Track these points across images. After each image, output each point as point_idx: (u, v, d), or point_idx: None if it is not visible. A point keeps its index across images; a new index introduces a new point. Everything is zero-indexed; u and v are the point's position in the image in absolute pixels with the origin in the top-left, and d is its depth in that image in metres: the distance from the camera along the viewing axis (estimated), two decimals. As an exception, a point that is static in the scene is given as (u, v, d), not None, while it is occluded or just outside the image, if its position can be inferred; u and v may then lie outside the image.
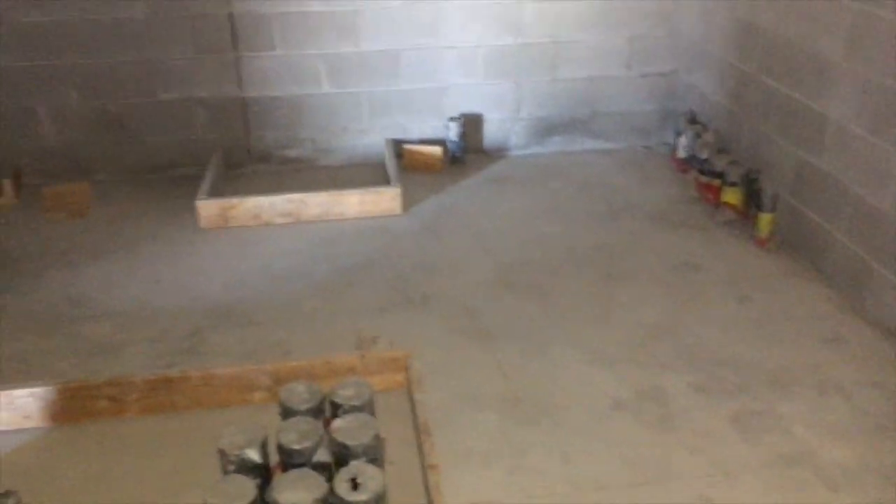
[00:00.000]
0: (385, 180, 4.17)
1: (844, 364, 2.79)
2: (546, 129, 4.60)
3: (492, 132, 4.56)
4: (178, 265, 3.48)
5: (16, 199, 3.99)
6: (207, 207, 3.74)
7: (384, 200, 3.89)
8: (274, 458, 2.09)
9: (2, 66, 3.94)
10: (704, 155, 4.00)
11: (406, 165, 4.37)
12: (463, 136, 4.41)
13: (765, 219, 3.55)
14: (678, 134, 4.37)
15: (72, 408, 2.46)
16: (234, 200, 3.77)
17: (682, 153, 4.29)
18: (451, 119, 4.38)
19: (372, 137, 4.45)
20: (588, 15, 4.34)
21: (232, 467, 2.00)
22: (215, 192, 3.90)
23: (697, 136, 4.17)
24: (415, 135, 4.48)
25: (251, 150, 4.35)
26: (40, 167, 4.15)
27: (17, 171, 4.09)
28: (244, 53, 4.11)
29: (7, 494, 1.92)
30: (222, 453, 2.02)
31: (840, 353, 2.85)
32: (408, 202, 3.97)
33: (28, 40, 3.92)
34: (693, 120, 4.33)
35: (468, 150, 4.49)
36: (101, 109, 4.12)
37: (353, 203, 3.87)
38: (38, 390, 2.42)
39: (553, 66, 4.44)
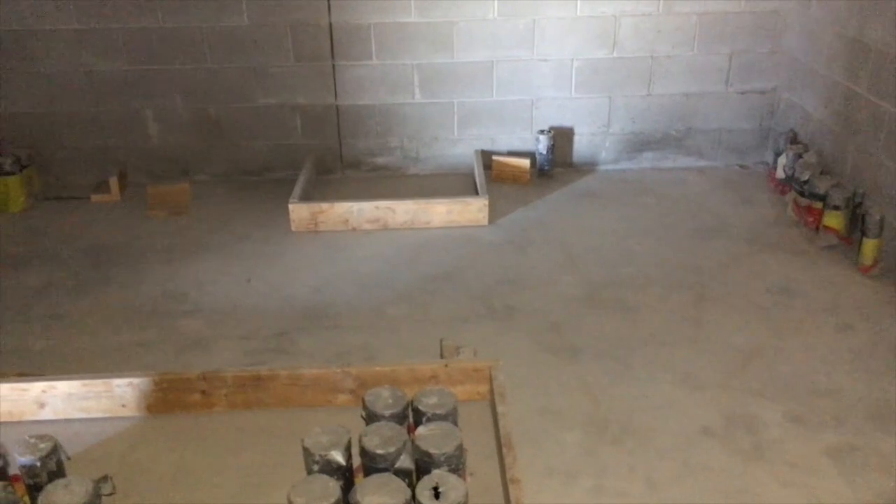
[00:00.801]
0: (472, 191, 4.17)
1: (956, 403, 2.62)
2: (638, 144, 4.51)
3: (581, 146, 4.51)
4: (270, 266, 3.57)
5: (120, 197, 4.19)
6: (299, 210, 3.83)
7: (471, 211, 3.90)
8: (356, 461, 2.11)
9: (114, 70, 4.15)
10: (806, 176, 3.84)
11: (494, 177, 4.37)
12: (552, 149, 4.37)
13: (870, 245, 3.38)
14: (777, 154, 4.21)
15: (166, 399, 2.55)
16: (325, 205, 3.85)
17: (781, 174, 4.13)
18: (541, 132, 4.36)
19: (461, 148, 4.46)
20: (687, 30, 4.24)
21: (316, 467, 2.03)
22: (306, 197, 3.99)
23: (798, 156, 4.00)
24: (503, 146, 4.47)
25: (342, 156, 4.44)
26: (144, 167, 4.35)
27: (122, 170, 4.30)
28: (341, 62, 4.21)
29: (104, 479, 2.00)
30: (307, 452, 2.05)
31: (951, 392, 2.67)
32: (494, 213, 3.96)
33: (139, 46, 4.11)
34: (794, 140, 4.17)
35: (556, 163, 4.45)
36: (203, 113, 4.28)
37: (440, 212, 3.88)
38: (136, 380, 2.52)
39: (648, 80, 4.36)
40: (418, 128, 4.40)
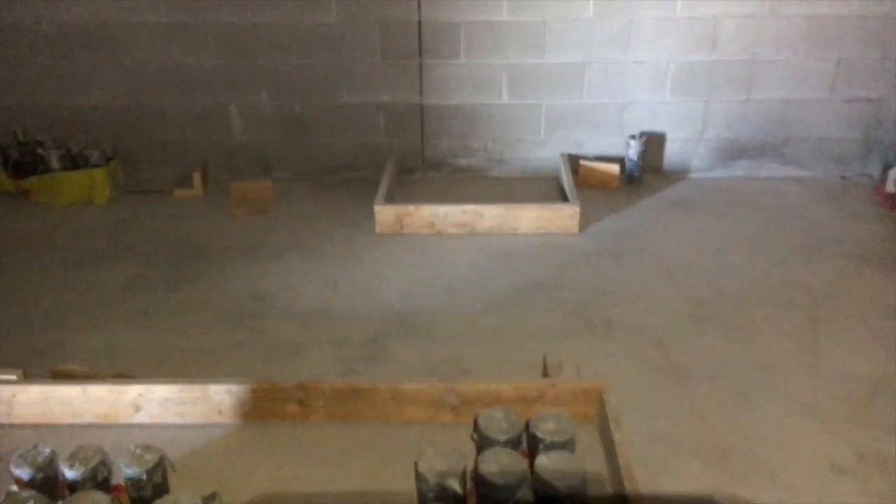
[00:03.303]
0: (557, 195, 4.03)
1: None
2: (733, 151, 4.31)
3: (673, 152, 4.32)
4: (356, 269, 3.48)
5: (203, 193, 4.15)
6: (384, 213, 3.73)
7: (561, 218, 3.75)
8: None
9: (200, 64, 4.11)
10: (923, 191, 3.60)
11: (580, 182, 4.21)
12: (643, 154, 4.20)
13: None
14: (886, 166, 3.97)
15: (262, 408, 2.46)
16: (411, 208, 3.74)
17: (891, 187, 3.89)
18: (632, 137, 4.18)
19: (547, 151, 4.32)
20: (792, 33, 4.02)
21: (431, 494, 1.91)
22: (390, 198, 3.89)
23: (913, 169, 3.77)
24: (590, 151, 4.31)
25: (425, 156, 4.33)
26: (226, 163, 4.31)
27: (205, 165, 4.26)
28: (428, 60, 4.09)
29: (212, 497, 1.92)
30: (421, 477, 1.94)
31: None
32: (584, 221, 3.80)
33: (225, 41, 4.06)
34: (906, 151, 3.93)
35: (646, 169, 4.27)
36: (287, 110, 4.22)
37: (529, 218, 3.74)
38: (234, 387, 2.44)
39: (748, 85, 4.14)
40: (503, 129, 4.26)
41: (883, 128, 4.19)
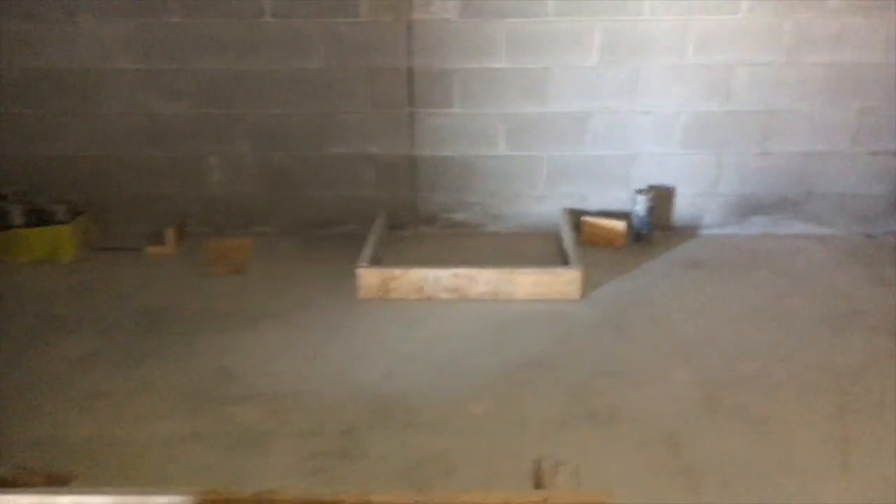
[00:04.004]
0: (558, 253, 3.73)
1: None
2: (748, 207, 4.00)
3: (683, 207, 4.02)
4: (336, 341, 3.17)
5: (177, 250, 3.87)
6: (369, 277, 3.44)
7: (561, 283, 3.44)
8: None
9: (177, 113, 3.85)
10: (960, 258, 3.28)
11: (584, 239, 3.91)
12: (651, 210, 3.90)
13: None
14: (917, 226, 3.65)
15: (212, 522, 2.15)
16: (397, 271, 3.44)
17: (922, 250, 3.57)
18: (639, 191, 3.89)
19: (547, 206, 4.02)
20: (811, 82, 3.73)
21: None
22: (377, 258, 3.60)
23: (947, 232, 3.45)
24: (595, 206, 4.02)
25: (417, 210, 4.04)
26: (204, 217, 4.04)
27: (181, 220, 3.98)
28: (419, 110, 3.82)
29: None
30: None
31: None
32: (586, 285, 3.49)
33: (204, 89, 3.81)
34: (938, 211, 3.61)
35: (655, 225, 3.97)
36: (270, 161, 3.95)
37: (526, 283, 3.44)
38: (178, 498, 2.13)
39: (763, 137, 3.85)
40: (501, 183, 3.98)
41: (911, 183, 3.88)
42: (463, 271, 3.44)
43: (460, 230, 4.06)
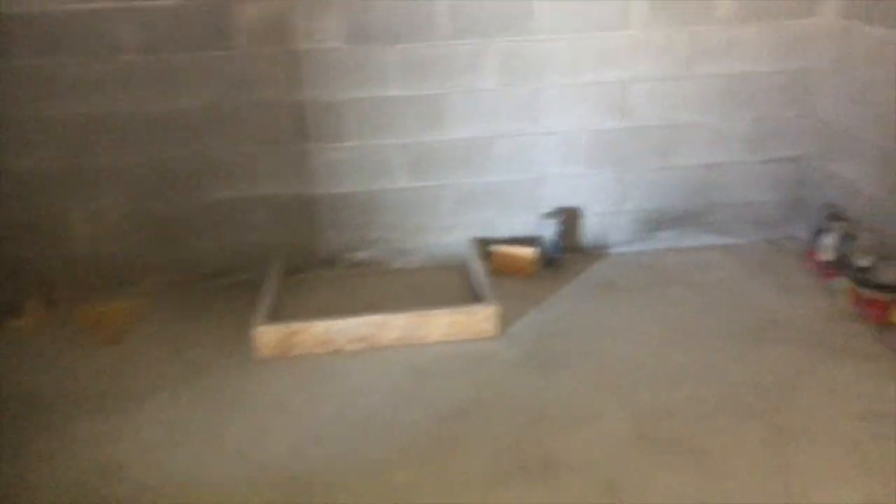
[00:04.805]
0: (467, 284, 3.53)
1: None
2: (654, 222, 3.94)
3: (591, 227, 3.92)
4: (235, 414, 2.83)
5: (44, 320, 3.41)
6: (268, 335, 3.12)
7: (476, 321, 3.24)
8: None
9: (34, 166, 3.41)
10: (866, 263, 3.30)
11: (494, 269, 3.73)
12: (561, 234, 3.76)
13: (964, 351, 2.83)
14: (818, 231, 3.67)
15: None
16: (299, 325, 3.14)
17: (826, 255, 3.58)
18: (548, 214, 3.75)
19: (454, 236, 3.82)
20: (706, 95, 3.70)
21: None
22: (275, 311, 3.29)
23: (849, 236, 3.47)
24: (504, 232, 3.85)
25: (315, 252, 3.75)
26: (73, 281, 3.58)
27: (45, 286, 3.52)
28: (312, 145, 3.54)
29: None
30: None
31: None
32: (503, 321, 3.30)
33: (64, 136, 3.38)
34: (836, 216, 3.64)
35: (565, 248, 3.84)
36: (146, 212, 3.56)
37: (440, 325, 3.22)
38: None
39: (664, 151, 3.80)
40: (404, 216, 3.74)
41: (807, 187, 3.92)
42: (372, 318, 3.17)
43: (364, 270, 3.80)
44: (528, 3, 3.43)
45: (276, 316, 3.24)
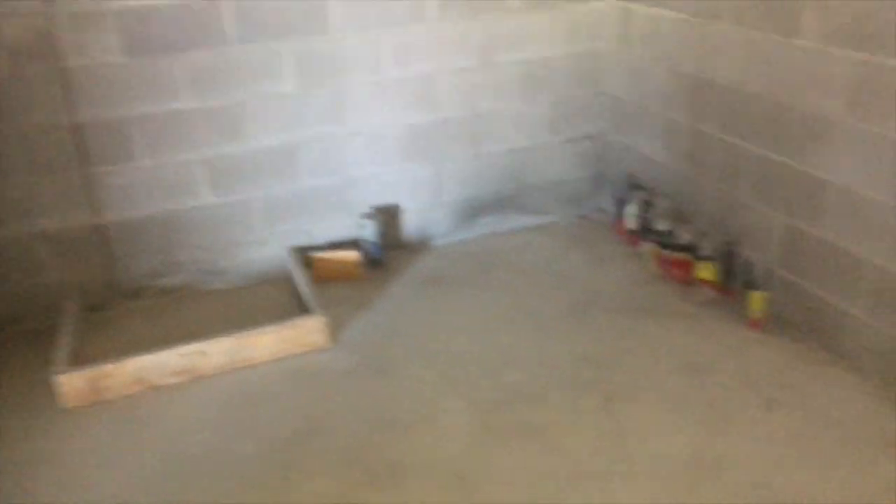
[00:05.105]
0: (295, 300, 3.38)
1: (926, 481, 2.31)
2: (472, 210, 3.98)
3: (411, 222, 3.89)
4: (42, 476, 2.51)
5: None
6: (71, 381, 2.79)
7: (306, 334, 3.10)
8: None
9: None
10: (665, 227, 3.52)
11: (317, 277, 3.60)
12: (381, 233, 3.70)
13: (757, 297, 3.09)
14: (621, 202, 3.88)
15: None
16: (108, 366, 2.84)
17: (631, 224, 3.80)
18: (366, 215, 3.67)
19: (271, 248, 3.64)
20: (506, 82, 3.79)
21: None
22: (76, 351, 2.96)
23: (648, 203, 3.70)
24: (322, 238, 3.72)
25: (116, 285, 3.41)
26: None
27: None
28: (97, 169, 3.21)
29: None
30: None
31: (913, 466, 2.38)
32: (334, 330, 3.19)
33: None
34: (635, 186, 3.87)
35: (387, 246, 3.78)
36: None
37: (268, 343, 3.04)
38: None
39: (474, 141, 3.84)
40: (213, 234, 3.51)
41: (607, 162, 4.13)
42: (190, 348, 2.94)
43: (176, 296, 3.52)
44: (322, 2, 3.32)
45: (79, 360, 2.91)
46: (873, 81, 2.52)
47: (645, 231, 3.70)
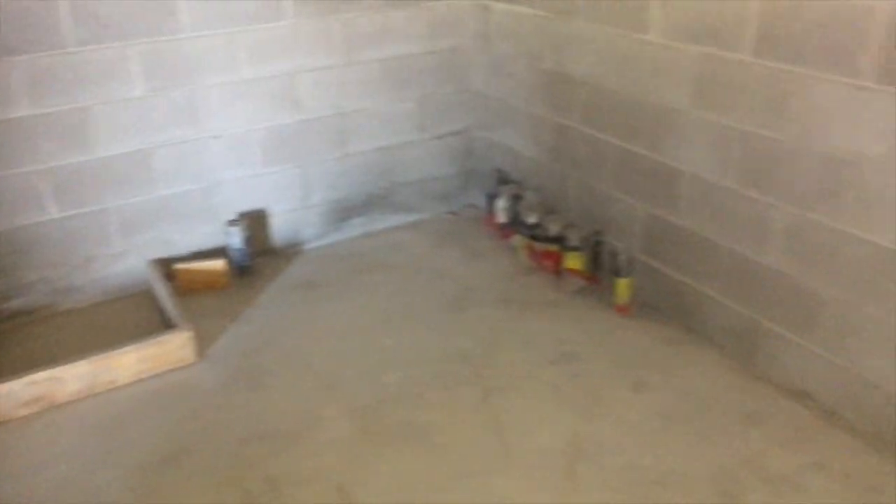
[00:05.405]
0: (156, 312, 3.21)
1: (779, 447, 2.47)
2: (343, 211, 3.91)
3: (280, 227, 3.77)
4: None
5: None
6: None
7: (171, 350, 2.94)
8: None
9: None
10: (534, 219, 3.59)
11: (182, 289, 3.43)
12: (249, 239, 3.57)
13: (623, 284, 3.21)
14: (491, 197, 3.93)
15: None
16: (-53, 402, 2.59)
17: (501, 217, 3.85)
18: (231, 222, 3.53)
19: (130, 261, 3.43)
20: (371, 79, 3.74)
21: None
22: (-89, 392, 2.67)
23: (517, 197, 3.76)
24: (185, 248, 3.55)
25: (-45, 311, 3.12)
26: None
27: None
28: (-79, 185, 2.92)
29: None
30: None
31: (767, 434, 2.53)
32: (201, 343, 3.05)
33: None
34: (504, 180, 3.92)
35: (255, 253, 3.65)
36: None
37: (129, 364, 2.86)
38: None
39: (341, 140, 3.77)
40: (64, 249, 3.26)
41: (476, 157, 4.17)
42: (40, 375, 2.72)
43: (25, 319, 3.25)
44: (171, 0, 3.15)
45: (-89, 399, 2.63)
46: (715, 74, 2.66)
47: (515, 224, 3.76)
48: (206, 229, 3.57)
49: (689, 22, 2.70)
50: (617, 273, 3.22)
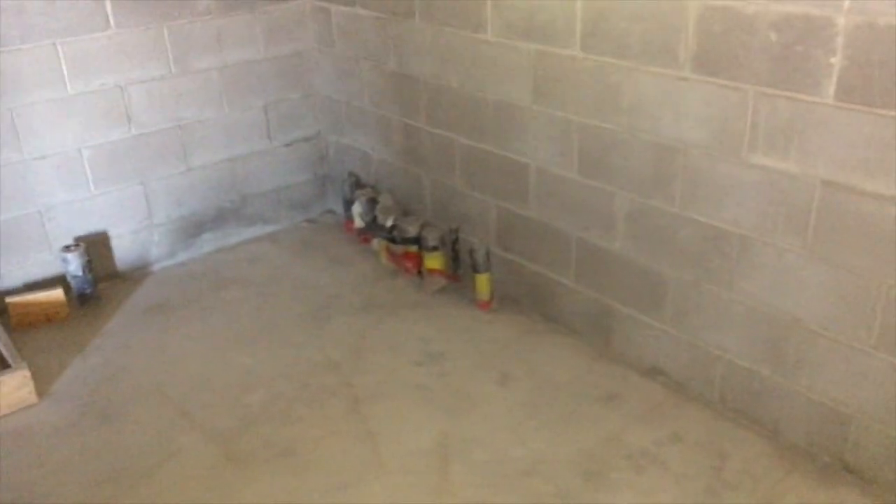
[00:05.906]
0: (-7, 357, 2.93)
1: (637, 424, 2.58)
2: (192, 227, 3.74)
3: (124, 249, 3.56)
4: None
5: None
6: None
7: (9, 393, 2.69)
8: None
9: None
10: (390, 222, 3.58)
11: (17, 324, 3.16)
12: (88, 265, 3.33)
13: (482, 279, 3.26)
14: (348, 202, 3.88)
15: None
16: None
17: (359, 222, 3.81)
18: (67, 248, 3.28)
19: (-48, 300, 3.12)
20: (210, 88, 3.59)
21: None
22: None
23: (373, 201, 3.73)
24: (18, 280, 3.27)
25: None
26: None
27: None
28: None
29: None
30: None
31: (626, 412, 2.64)
32: (42, 380, 2.82)
33: None
34: (359, 183, 3.89)
35: (98, 279, 3.42)
36: None
37: (-42, 412, 2.60)
38: None
39: (183, 154, 3.60)
40: None
41: (329, 163, 4.11)
42: None
43: None
44: (-27, 10, 2.89)
45: None
46: (551, 69, 2.75)
47: (373, 228, 3.73)
48: (41, 258, 3.31)
49: (522, 20, 2.77)
50: (475, 269, 3.26)
